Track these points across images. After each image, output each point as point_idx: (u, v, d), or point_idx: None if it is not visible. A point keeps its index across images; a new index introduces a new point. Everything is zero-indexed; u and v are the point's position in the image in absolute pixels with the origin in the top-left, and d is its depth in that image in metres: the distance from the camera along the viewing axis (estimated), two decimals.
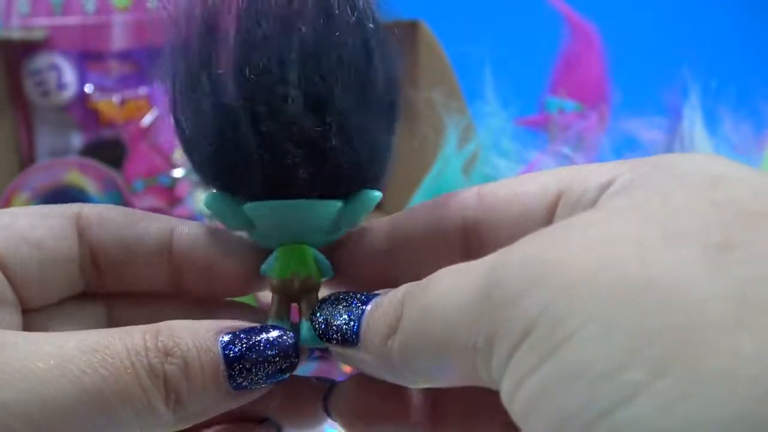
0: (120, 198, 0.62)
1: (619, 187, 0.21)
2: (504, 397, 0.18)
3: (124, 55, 0.84)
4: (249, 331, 0.23)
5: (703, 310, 0.15)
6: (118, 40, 0.83)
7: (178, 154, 0.83)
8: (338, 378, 0.27)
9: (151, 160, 0.83)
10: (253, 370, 0.22)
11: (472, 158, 0.58)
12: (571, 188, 0.23)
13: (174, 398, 0.21)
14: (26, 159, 0.81)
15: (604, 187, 0.22)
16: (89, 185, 0.61)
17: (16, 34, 0.80)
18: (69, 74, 0.82)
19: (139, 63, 0.84)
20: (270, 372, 0.22)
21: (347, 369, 0.63)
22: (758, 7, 1.27)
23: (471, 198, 0.25)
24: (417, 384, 0.22)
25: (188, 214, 0.80)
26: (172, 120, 0.25)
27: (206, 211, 0.26)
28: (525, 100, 0.67)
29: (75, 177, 0.61)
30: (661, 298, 0.16)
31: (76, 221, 0.25)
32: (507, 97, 0.59)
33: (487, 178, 0.56)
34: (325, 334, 0.23)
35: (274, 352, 0.23)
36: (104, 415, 0.20)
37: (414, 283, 0.21)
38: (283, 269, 0.25)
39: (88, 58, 0.83)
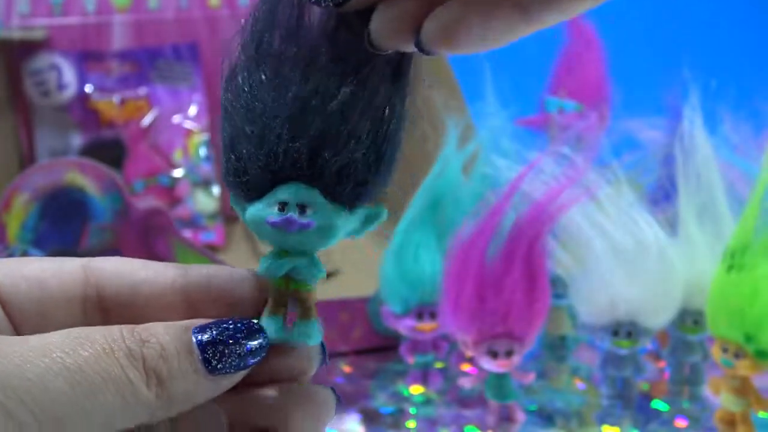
0: (120, 198, 0.62)
1: None
2: None
3: (124, 55, 0.84)
4: (218, 321, 0.24)
5: None
6: (118, 40, 0.83)
7: (178, 154, 0.83)
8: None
9: (151, 160, 0.83)
10: (226, 352, 0.23)
11: (472, 158, 0.58)
12: None
13: (155, 380, 0.22)
14: (26, 159, 0.81)
15: None
16: (89, 185, 0.61)
17: (16, 34, 0.80)
18: (69, 74, 0.82)
19: (139, 63, 0.84)
20: (242, 353, 0.24)
21: (347, 369, 0.63)
22: (758, 7, 1.27)
23: None
24: None
25: (188, 214, 0.80)
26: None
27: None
28: (525, 100, 0.67)
29: (75, 177, 0.61)
30: None
31: (84, 265, 0.26)
32: (507, 97, 0.59)
33: (487, 178, 0.56)
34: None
35: (242, 335, 0.24)
36: (86, 393, 0.21)
37: None
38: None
39: (88, 58, 0.83)
